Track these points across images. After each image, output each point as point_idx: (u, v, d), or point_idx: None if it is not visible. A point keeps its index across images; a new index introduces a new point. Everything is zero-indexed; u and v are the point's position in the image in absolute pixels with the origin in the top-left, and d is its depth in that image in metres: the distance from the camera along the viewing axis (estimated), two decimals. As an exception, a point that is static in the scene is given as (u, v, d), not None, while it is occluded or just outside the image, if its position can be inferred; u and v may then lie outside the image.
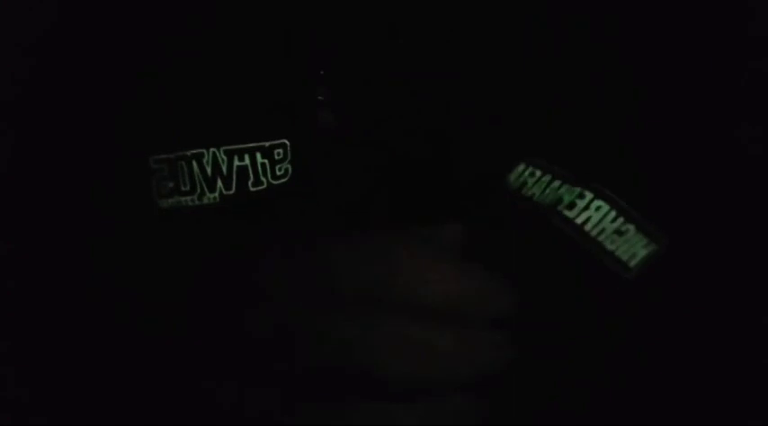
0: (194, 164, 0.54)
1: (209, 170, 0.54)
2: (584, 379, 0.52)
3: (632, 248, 0.52)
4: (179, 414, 0.52)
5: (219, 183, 0.54)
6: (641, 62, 0.54)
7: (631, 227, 0.52)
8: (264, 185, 0.54)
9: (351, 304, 0.45)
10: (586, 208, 0.53)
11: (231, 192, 0.54)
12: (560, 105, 0.55)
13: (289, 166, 0.55)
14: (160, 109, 0.55)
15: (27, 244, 0.56)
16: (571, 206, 0.53)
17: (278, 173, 0.55)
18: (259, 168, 0.54)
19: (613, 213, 0.52)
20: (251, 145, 0.54)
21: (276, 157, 0.54)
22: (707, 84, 0.53)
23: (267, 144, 0.54)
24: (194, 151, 0.54)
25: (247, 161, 0.54)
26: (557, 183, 0.54)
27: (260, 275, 0.47)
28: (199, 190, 0.54)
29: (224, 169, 0.54)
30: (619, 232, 0.52)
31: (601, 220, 0.53)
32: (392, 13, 0.56)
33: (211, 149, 0.53)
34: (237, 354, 0.47)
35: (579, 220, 0.53)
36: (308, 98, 0.56)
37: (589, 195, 0.53)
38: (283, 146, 0.55)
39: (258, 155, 0.54)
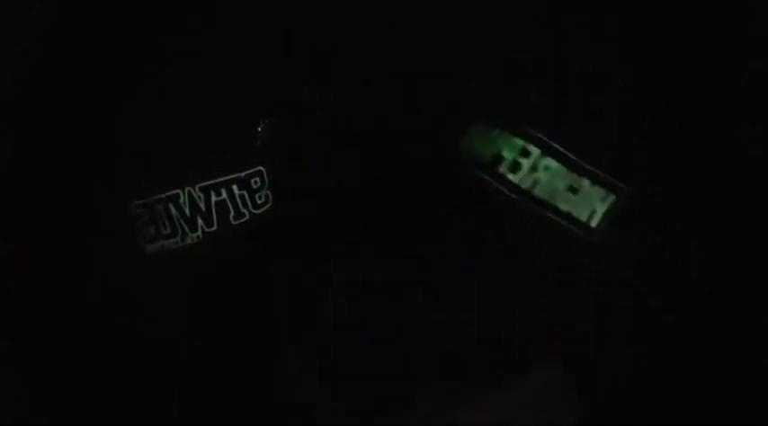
0: (171, 206, 0.52)
1: (186, 210, 0.52)
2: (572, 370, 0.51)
3: (590, 204, 0.48)
4: (179, 414, 0.52)
5: (200, 222, 0.52)
6: (641, 62, 0.54)
7: (585, 182, 0.48)
8: (247, 216, 0.53)
9: None
10: (533, 169, 0.48)
11: (213, 229, 0.53)
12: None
13: (268, 193, 0.53)
14: (137, 148, 0.54)
15: (27, 244, 0.56)
16: (515, 167, 0.48)
17: (258, 202, 0.53)
18: (238, 200, 0.53)
19: (565, 170, 0.48)
20: (225, 178, 0.52)
21: (254, 186, 0.53)
22: (707, 84, 0.53)
23: (243, 174, 0.53)
24: (169, 193, 0.52)
25: (225, 195, 0.52)
26: (495, 132, 0.49)
27: None
28: (181, 232, 0.53)
29: (202, 207, 0.52)
30: (572, 189, 0.48)
31: (551, 180, 0.48)
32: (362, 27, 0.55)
33: (186, 188, 0.52)
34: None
35: (526, 184, 0.48)
36: (286, 118, 0.54)
37: (535, 151, 0.48)
38: (260, 173, 0.53)
39: (235, 188, 0.53)
